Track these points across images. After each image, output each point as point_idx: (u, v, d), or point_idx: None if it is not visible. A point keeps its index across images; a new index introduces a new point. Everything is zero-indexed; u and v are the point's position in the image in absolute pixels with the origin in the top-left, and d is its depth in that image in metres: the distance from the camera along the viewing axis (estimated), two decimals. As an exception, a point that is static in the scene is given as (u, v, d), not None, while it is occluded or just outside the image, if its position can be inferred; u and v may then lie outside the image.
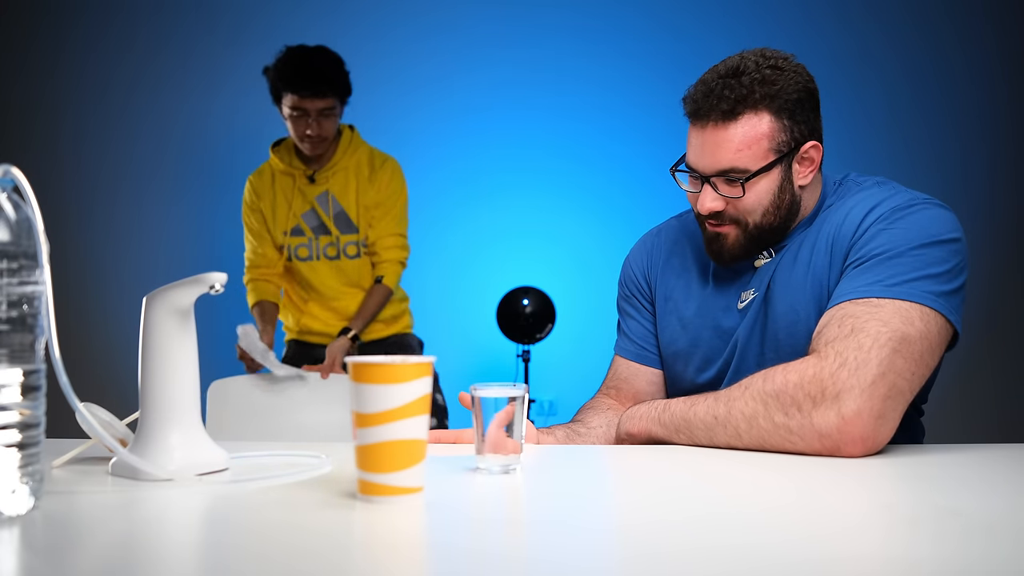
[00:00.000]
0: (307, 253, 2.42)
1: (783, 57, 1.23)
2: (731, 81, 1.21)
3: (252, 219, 2.46)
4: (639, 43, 3.68)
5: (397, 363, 0.81)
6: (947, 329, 1.13)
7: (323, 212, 2.41)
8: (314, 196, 2.41)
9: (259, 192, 2.44)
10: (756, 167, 1.21)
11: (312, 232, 2.41)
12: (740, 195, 1.23)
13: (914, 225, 1.16)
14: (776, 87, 1.20)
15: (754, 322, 1.28)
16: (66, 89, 3.70)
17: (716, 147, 1.22)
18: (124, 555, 0.68)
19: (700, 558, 0.65)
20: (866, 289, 1.12)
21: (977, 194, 3.53)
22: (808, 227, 1.28)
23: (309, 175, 2.40)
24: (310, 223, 2.41)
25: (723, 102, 1.20)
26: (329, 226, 2.41)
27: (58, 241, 1.00)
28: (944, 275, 1.13)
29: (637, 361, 1.47)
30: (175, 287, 0.93)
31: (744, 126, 1.20)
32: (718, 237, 1.28)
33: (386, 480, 0.80)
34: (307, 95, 2.23)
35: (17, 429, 0.73)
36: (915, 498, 0.90)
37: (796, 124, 1.22)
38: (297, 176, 2.41)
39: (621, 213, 3.61)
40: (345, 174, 2.42)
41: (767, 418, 1.08)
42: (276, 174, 2.45)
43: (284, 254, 2.46)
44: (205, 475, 0.94)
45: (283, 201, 2.43)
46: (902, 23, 3.65)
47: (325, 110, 2.27)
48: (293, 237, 2.42)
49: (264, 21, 3.63)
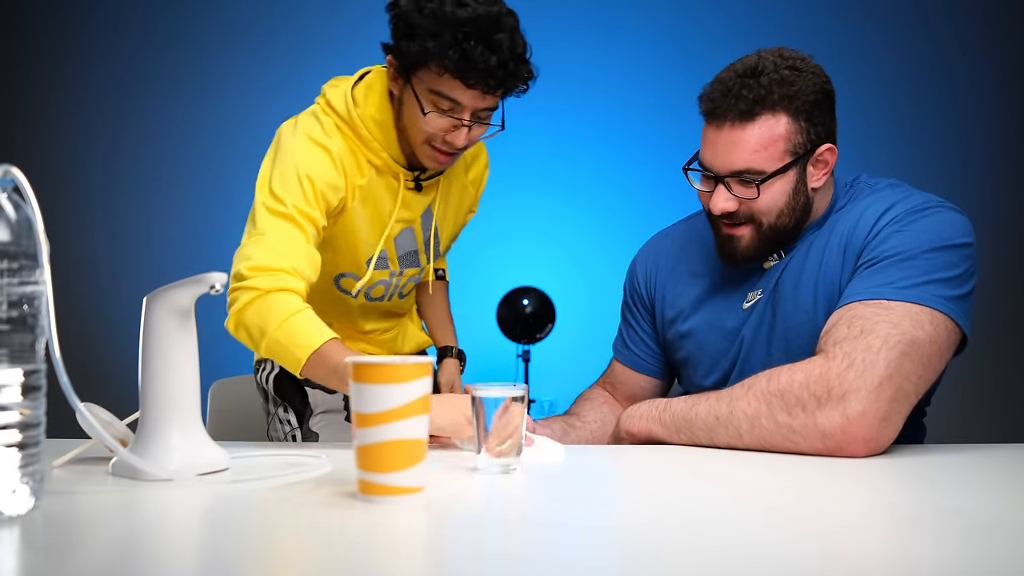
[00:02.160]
0: (382, 293, 1.54)
1: (801, 58, 1.22)
2: (749, 81, 1.18)
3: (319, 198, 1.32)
4: (639, 45, 3.67)
5: (397, 363, 0.81)
6: (956, 334, 1.13)
7: (421, 235, 1.52)
8: (420, 211, 1.50)
9: (348, 174, 1.38)
10: (772, 168, 1.19)
11: (398, 264, 1.51)
12: (754, 196, 1.21)
13: (927, 228, 1.16)
14: (795, 88, 1.18)
15: (760, 322, 1.28)
16: (69, 89, 3.71)
17: (732, 147, 1.19)
18: (124, 555, 0.68)
19: (700, 558, 0.65)
20: (877, 290, 1.12)
21: (977, 194, 3.53)
22: (819, 228, 1.27)
23: (415, 177, 1.46)
24: (401, 249, 1.51)
25: (741, 102, 1.18)
26: (421, 255, 1.54)
27: (58, 241, 1.00)
28: (955, 279, 1.13)
29: (630, 367, 1.47)
30: (175, 287, 0.93)
31: (761, 127, 1.18)
32: (732, 239, 1.26)
33: (386, 480, 0.80)
34: (485, 88, 1.28)
35: (17, 429, 0.73)
36: (916, 498, 0.90)
37: (813, 126, 1.20)
38: (402, 177, 1.44)
39: (621, 214, 3.61)
40: (447, 177, 1.52)
41: (770, 417, 1.07)
42: (368, 160, 1.40)
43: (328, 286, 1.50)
44: (205, 475, 0.94)
45: (377, 210, 1.44)
46: (902, 23, 3.65)
47: (486, 113, 1.35)
48: (377, 271, 1.48)
49: (266, 23, 3.63)
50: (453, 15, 1.24)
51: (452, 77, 1.26)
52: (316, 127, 1.36)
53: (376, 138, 1.38)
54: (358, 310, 1.54)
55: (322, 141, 1.34)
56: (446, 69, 1.26)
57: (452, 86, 1.27)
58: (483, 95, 1.29)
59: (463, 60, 1.24)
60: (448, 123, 1.31)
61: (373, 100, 1.38)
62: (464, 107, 1.30)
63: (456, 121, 1.31)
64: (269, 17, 3.65)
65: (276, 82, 3.50)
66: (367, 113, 1.38)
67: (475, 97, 1.29)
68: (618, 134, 3.69)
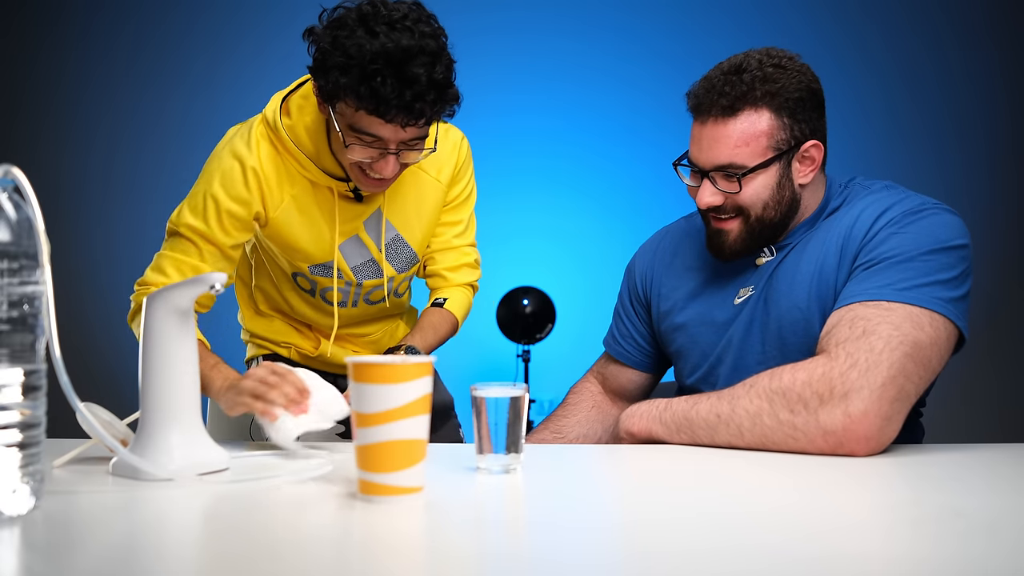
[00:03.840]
0: (342, 298, 1.51)
1: (788, 56, 1.24)
2: (732, 78, 1.22)
3: (225, 216, 1.35)
4: (638, 44, 3.68)
5: (397, 363, 0.81)
6: (954, 335, 1.14)
7: (372, 243, 1.48)
8: (363, 218, 1.46)
9: (267, 186, 1.37)
10: (753, 163, 1.22)
11: (352, 274, 1.48)
12: (737, 191, 1.24)
13: (925, 230, 1.17)
14: (777, 85, 1.21)
15: (751, 318, 1.29)
16: (69, 90, 3.71)
17: (715, 142, 1.23)
18: (124, 555, 0.68)
19: (701, 558, 0.65)
20: (877, 292, 1.13)
21: (976, 194, 3.53)
22: (812, 227, 1.29)
23: (351, 187, 1.42)
24: (353, 259, 1.47)
25: (723, 98, 1.21)
26: (382, 264, 1.49)
27: (58, 241, 1.00)
28: (953, 281, 1.14)
29: (617, 358, 1.51)
30: (175, 287, 0.93)
31: (743, 123, 1.21)
32: (720, 232, 1.29)
33: (386, 480, 0.80)
34: (403, 122, 1.23)
35: (18, 429, 0.73)
36: (916, 497, 0.90)
37: (797, 123, 1.23)
38: (335, 188, 1.41)
39: (621, 213, 3.61)
40: (400, 178, 1.41)
41: (772, 415, 1.08)
42: (295, 171, 1.39)
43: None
44: (205, 475, 0.94)
45: (312, 220, 1.42)
46: (901, 23, 3.65)
47: (414, 141, 1.30)
48: (324, 278, 1.47)
49: (266, 23, 3.63)
50: (360, 49, 1.17)
51: (367, 113, 1.21)
52: (243, 139, 1.36)
53: (306, 149, 1.35)
54: (339, 311, 1.52)
55: (240, 154, 1.34)
56: (359, 106, 1.21)
57: (370, 122, 1.23)
58: (403, 128, 1.23)
59: (373, 97, 1.18)
60: (372, 153, 1.27)
61: (309, 110, 1.35)
62: (386, 140, 1.25)
63: (380, 150, 1.26)
64: (269, 18, 3.65)
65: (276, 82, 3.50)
66: (300, 123, 1.35)
67: (395, 130, 1.23)
68: (618, 134, 3.70)
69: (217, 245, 1.35)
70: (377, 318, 1.61)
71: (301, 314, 1.55)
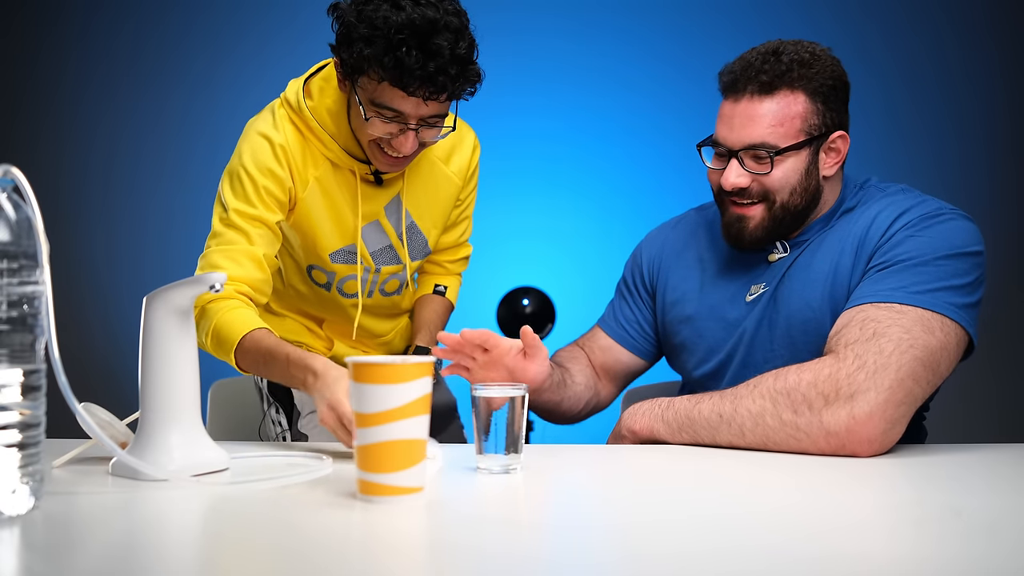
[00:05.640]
0: (356, 289, 1.50)
1: (821, 47, 1.27)
2: (771, 58, 1.23)
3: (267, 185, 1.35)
4: (638, 45, 3.68)
5: (397, 363, 0.81)
6: (964, 341, 1.14)
7: (392, 229, 1.49)
8: (383, 203, 1.47)
9: (295, 165, 1.37)
10: (786, 144, 1.22)
11: (372, 260, 1.48)
12: (767, 171, 1.23)
13: (941, 235, 1.17)
14: (813, 70, 1.22)
15: (763, 316, 1.28)
16: (69, 89, 3.71)
17: (749, 120, 1.22)
18: (124, 555, 0.68)
19: (701, 558, 0.65)
20: (889, 294, 1.12)
21: (976, 194, 3.53)
22: (827, 226, 1.28)
23: (373, 170, 1.43)
24: (373, 244, 1.48)
25: (762, 74, 1.22)
26: (399, 251, 1.50)
27: (58, 241, 1.00)
28: (966, 287, 1.14)
29: (615, 339, 1.48)
30: (175, 287, 0.93)
31: (779, 103, 1.22)
32: (741, 219, 1.27)
33: (386, 480, 0.80)
34: (425, 95, 1.24)
35: (17, 429, 0.73)
36: (918, 497, 0.90)
37: (829, 111, 1.24)
38: (357, 170, 1.42)
39: (621, 214, 3.61)
40: (416, 165, 1.47)
41: (775, 415, 1.08)
42: (322, 152, 1.39)
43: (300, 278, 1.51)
44: (205, 475, 0.94)
45: (335, 203, 1.43)
46: (901, 23, 3.65)
47: (434, 119, 1.30)
48: (344, 265, 1.47)
49: (265, 23, 3.63)
50: (386, 21, 1.19)
51: (390, 85, 1.22)
52: (268, 120, 1.37)
53: (329, 130, 1.37)
54: (350, 308, 1.51)
55: (267, 133, 1.35)
56: (383, 77, 1.22)
57: (392, 95, 1.24)
58: (424, 102, 1.24)
59: (397, 67, 1.20)
60: (393, 128, 1.28)
61: (330, 92, 1.37)
62: (407, 115, 1.26)
63: (400, 125, 1.27)
64: (269, 17, 3.65)
65: (276, 82, 3.50)
66: (321, 105, 1.37)
67: (416, 105, 1.24)
68: (618, 134, 3.70)
69: (265, 224, 1.32)
70: (392, 314, 1.62)
71: (314, 312, 1.55)
